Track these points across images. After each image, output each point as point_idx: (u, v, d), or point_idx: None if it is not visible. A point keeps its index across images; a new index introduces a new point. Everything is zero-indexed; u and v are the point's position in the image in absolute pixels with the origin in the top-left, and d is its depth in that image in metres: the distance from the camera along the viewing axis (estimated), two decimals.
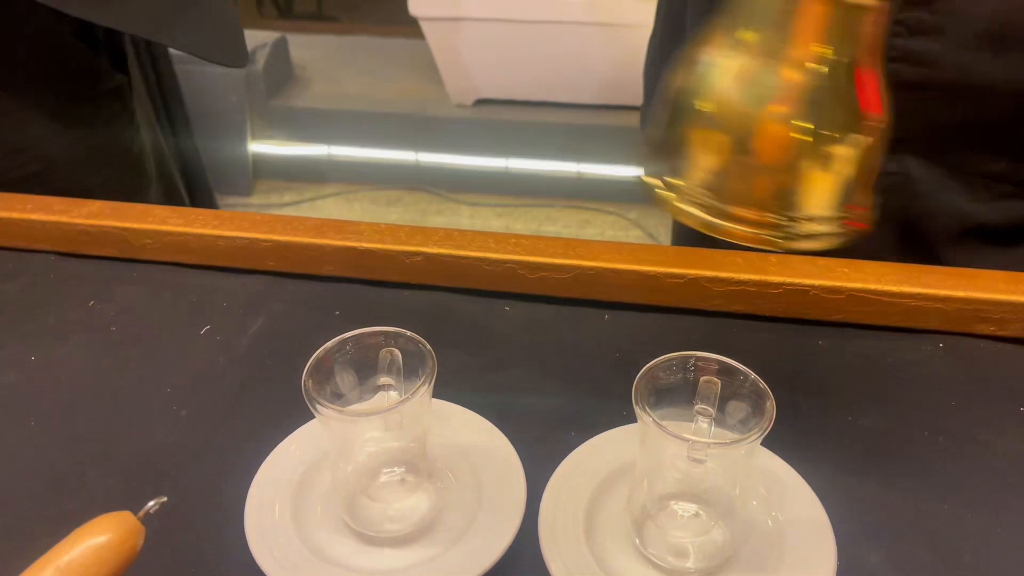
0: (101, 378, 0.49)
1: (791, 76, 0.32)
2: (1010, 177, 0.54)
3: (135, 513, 0.31)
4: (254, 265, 0.57)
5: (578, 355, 0.50)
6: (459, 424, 0.43)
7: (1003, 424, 0.45)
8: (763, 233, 0.33)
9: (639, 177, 0.36)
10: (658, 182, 0.35)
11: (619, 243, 0.54)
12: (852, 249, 0.57)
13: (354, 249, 0.55)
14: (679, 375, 0.37)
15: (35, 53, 0.68)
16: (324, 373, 0.37)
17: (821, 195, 0.33)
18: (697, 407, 0.37)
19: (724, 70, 0.33)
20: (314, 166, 2.25)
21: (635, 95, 0.75)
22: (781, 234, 0.33)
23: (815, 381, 0.48)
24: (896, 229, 0.57)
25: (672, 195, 0.34)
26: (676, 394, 0.37)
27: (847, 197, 0.34)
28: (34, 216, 0.58)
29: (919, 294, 0.49)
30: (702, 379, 0.37)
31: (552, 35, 1.88)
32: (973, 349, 0.49)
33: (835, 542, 0.37)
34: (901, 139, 0.53)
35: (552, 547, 0.37)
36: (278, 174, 2.26)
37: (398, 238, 0.55)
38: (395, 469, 0.41)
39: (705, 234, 0.34)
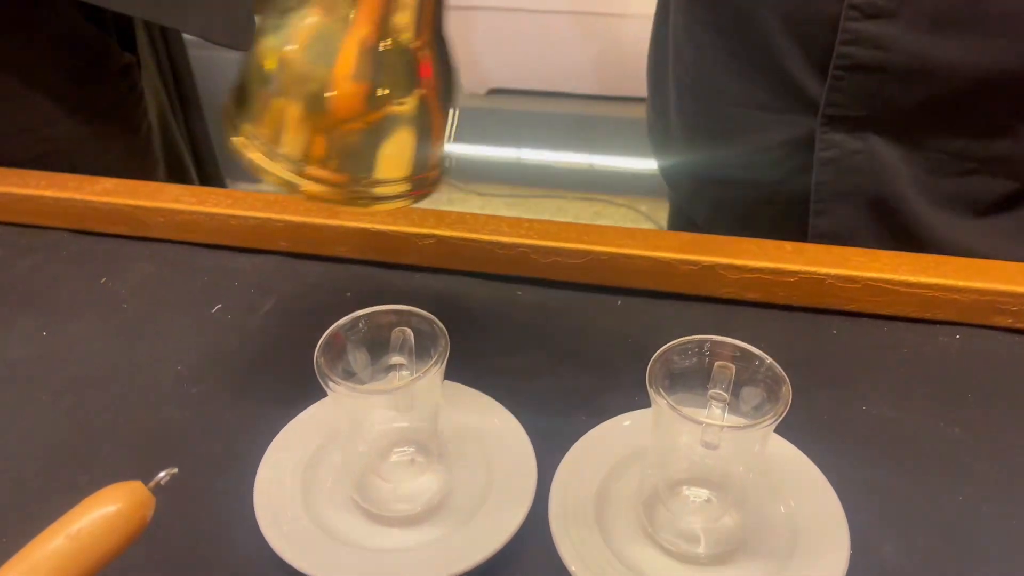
0: (112, 354, 0.49)
1: (356, 38, 0.32)
2: (971, 154, 0.54)
3: (146, 484, 0.31)
4: (266, 245, 0.56)
5: (590, 340, 0.50)
6: (470, 406, 0.43)
7: (1019, 416, 0.44)
8: (335, 193, 0.34)
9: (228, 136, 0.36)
10: (239, 139, 0.35)
11: (633, 229, 0.53)
12: (830, 227, 0.57)
13: (367, 231, 0.54)
14: (694, 359, 0.37)
15: (42, 33, 0.67)
16: (336, 350, 0.37)
17: (387, 157, 0.34)
18: (711, 392, 0.37)
19: (296, 27, 0.33)
20: None
21: None
22: (351, 194, 0.34)
23: (830, 370, 0.47)
24: (870, 205, 0.57)
25: (253, 153, 0.35)
26: (690, 379, 0.37)
27: (414, 161, 0.35)
28: (47, 193, 0.58)
29: (936, 284, 0.49)
30: (717, 364, 0.37)
31: (567, 25, 1.87)
32: (990, 341, 0.49)
33: (848, 531, 0.37)
34: (863, 118, 0.53)
35: (562, 530, 0.37)
36: None
37: (411, 220, 0.54)
38: (406, 449, 0.40)
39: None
